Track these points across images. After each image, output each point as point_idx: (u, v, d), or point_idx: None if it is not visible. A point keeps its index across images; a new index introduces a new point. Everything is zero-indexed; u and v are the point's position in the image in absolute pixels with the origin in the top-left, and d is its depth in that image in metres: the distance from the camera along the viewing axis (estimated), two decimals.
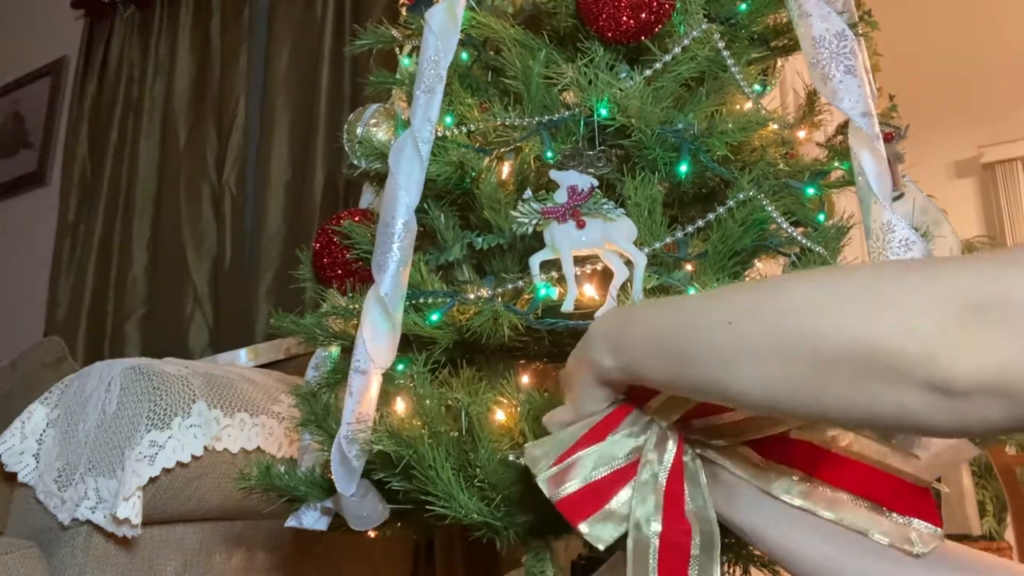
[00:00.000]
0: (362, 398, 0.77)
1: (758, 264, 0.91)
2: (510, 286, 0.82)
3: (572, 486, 0.56)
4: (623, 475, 0.56)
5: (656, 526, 0.54)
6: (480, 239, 0.86)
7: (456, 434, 0.74)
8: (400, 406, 0.80)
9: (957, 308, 0.35)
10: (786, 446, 0.57)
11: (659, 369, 0.48)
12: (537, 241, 0.79)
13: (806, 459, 0.56)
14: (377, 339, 0.77)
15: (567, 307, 0.75)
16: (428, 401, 0.76)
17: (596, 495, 0.56)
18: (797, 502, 0.55)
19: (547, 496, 0.56)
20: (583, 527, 0.55)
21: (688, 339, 0.46)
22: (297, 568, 1.23)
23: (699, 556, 0.54)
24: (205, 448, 1.03)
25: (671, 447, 0.57)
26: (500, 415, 0.75)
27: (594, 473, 0.56)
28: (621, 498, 0.56)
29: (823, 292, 0.40)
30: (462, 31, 0.87)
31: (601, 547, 0.55)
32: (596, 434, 0.57)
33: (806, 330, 0.39)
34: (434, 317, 0.81)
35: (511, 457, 0.72)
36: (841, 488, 0.55)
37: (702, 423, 0.57)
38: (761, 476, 0.56)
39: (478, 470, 0.73)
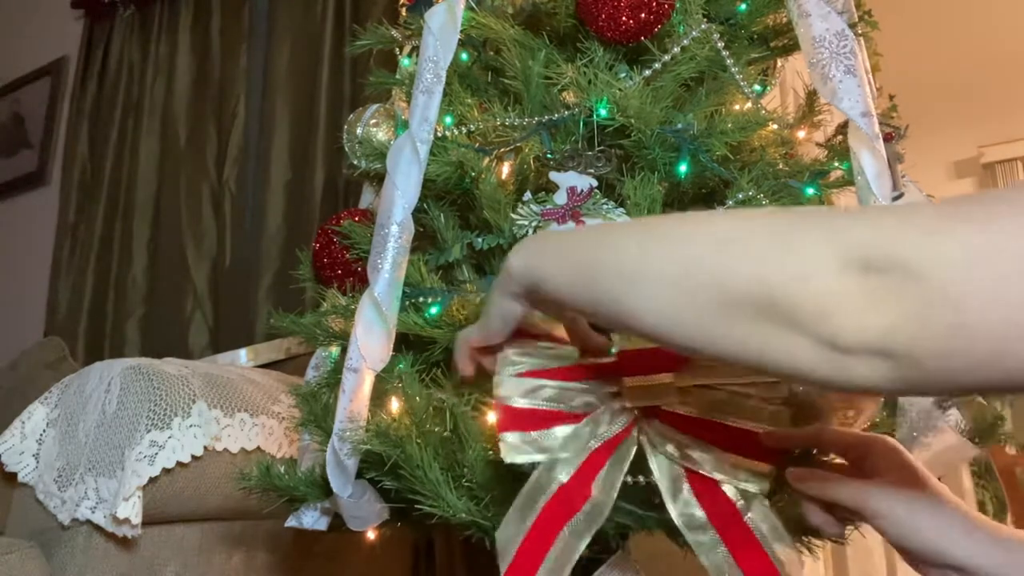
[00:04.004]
0: (355, 396, 0.77)
1: None
2: None
3: (521, 401, 0.60)
4: (565, 418, 0.60)
5: (563, 477, 0.58)
6: (480, 239, 0.86)
7: (446, 433, 0.74)
8: (394, 406, 0.80)
9: (855, 265, 0.35)
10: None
11: (561, 279, 0.48)
12: None
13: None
14: (370, 338, 0.77)
15: None
16: (418, 399, 0.76)
17: (533, 420, 0.60)
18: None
19: (496, 393, 0.60)
20: (507, 436, 0.59)
21: (600, 253, 0.46)
22: (297, 568, 1.23)
23: (580, 520, 0.58)
24: (205, 448, 1.03)
25: (620, 423, 0.60)
26: (491, 416, 0.75)
27: (544, 403, 0.60)
28: (553, 435, 0.60)
29: (738, 230, 0.40)
30: (462, 31, 0.87)
31: (507, 461, 0.59)
32: (567, 373, 0.61)
33: (711, 265, 0.39)
34: (433, 311, 0.81)
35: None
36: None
37: (664, 427, 0.60)
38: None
39: (466, 470, 0.73)
